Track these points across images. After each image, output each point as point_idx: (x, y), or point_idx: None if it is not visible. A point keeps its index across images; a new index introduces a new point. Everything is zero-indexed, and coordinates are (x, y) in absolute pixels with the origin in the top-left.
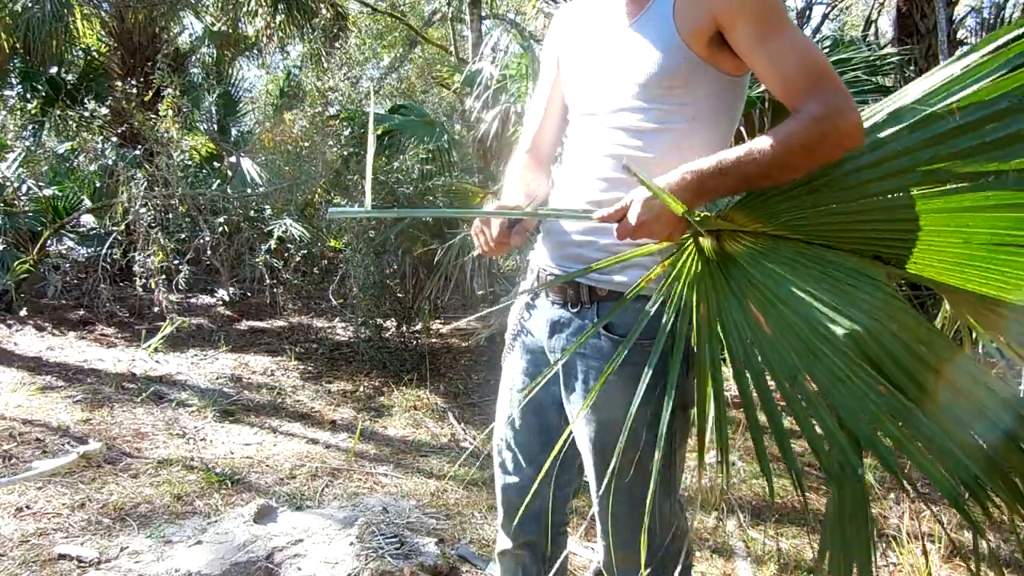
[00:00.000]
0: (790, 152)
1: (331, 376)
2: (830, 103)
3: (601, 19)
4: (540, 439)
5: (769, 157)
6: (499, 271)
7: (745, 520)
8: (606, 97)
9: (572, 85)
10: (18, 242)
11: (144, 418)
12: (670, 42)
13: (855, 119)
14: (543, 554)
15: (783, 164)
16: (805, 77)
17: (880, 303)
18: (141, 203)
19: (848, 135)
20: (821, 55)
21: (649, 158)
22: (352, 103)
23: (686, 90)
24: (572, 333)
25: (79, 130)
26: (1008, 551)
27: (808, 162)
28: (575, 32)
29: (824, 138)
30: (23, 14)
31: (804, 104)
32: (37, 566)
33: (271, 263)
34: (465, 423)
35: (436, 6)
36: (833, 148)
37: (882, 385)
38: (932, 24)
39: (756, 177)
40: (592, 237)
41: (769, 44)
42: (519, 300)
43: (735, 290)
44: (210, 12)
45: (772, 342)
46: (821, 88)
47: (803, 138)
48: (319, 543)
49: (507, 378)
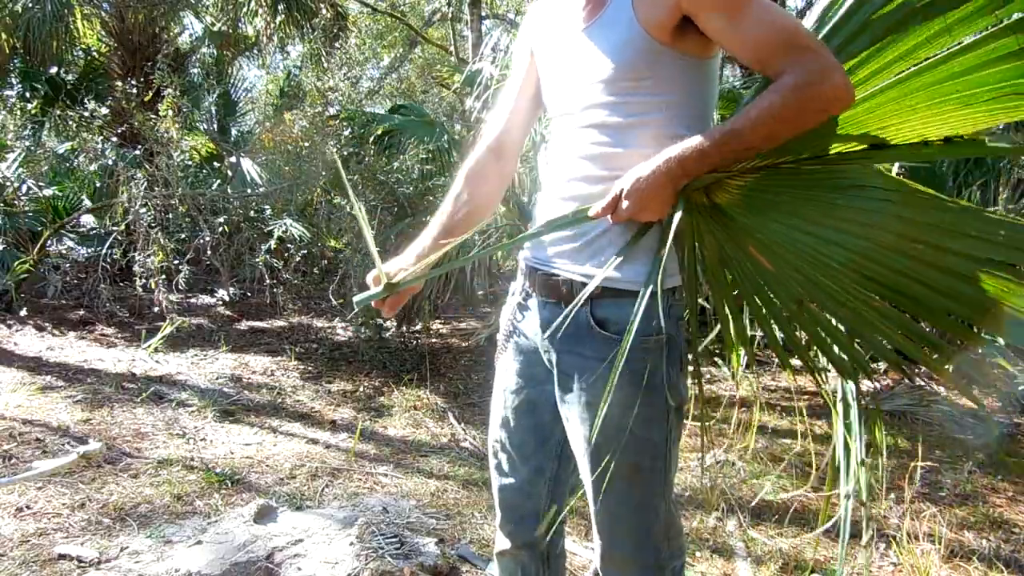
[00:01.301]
0: (771, 125)
1: (331, 376)
2: (807, 69)
3: (566, 16)
4: (534, 438)
5: (750, 131)
6: (499, 271)
7: (745, 520)
8: (577, 96)
9: (546, 85)
10: (18, 242)
11: (144, 418)
12: (632, 33)
13: (837, 80)
14: (542, 554)
15: (767, 136)
16: (778, 49)
17: (873, 213)
18: (141, 203)
19: (833, 99)
20: (793, 22)
21: (627, 152)
22: (352, 103)
23: (655, 81)
24: (564, 332)
25: (79, 130)
26: (1008, 551)
27: (793, 130)
28: (546, 28)
29: (803, 106)
30: (23, 14)
31: (784, 71)
32: (37, 566)
33: (271, 263)
34: (465, 423)
35: (436, 6)
36: (816, 113)
37: (877, 301)
38: None
39: (740, 151)
40: (579, 231)
41: (738, 23)
42: (510, 300)
43: (734, 238)
44: (210, 12)
45: (776, 277)
46: (794, 57)
47: (782, 109)
48: (319, 543)
49: (501, 379)
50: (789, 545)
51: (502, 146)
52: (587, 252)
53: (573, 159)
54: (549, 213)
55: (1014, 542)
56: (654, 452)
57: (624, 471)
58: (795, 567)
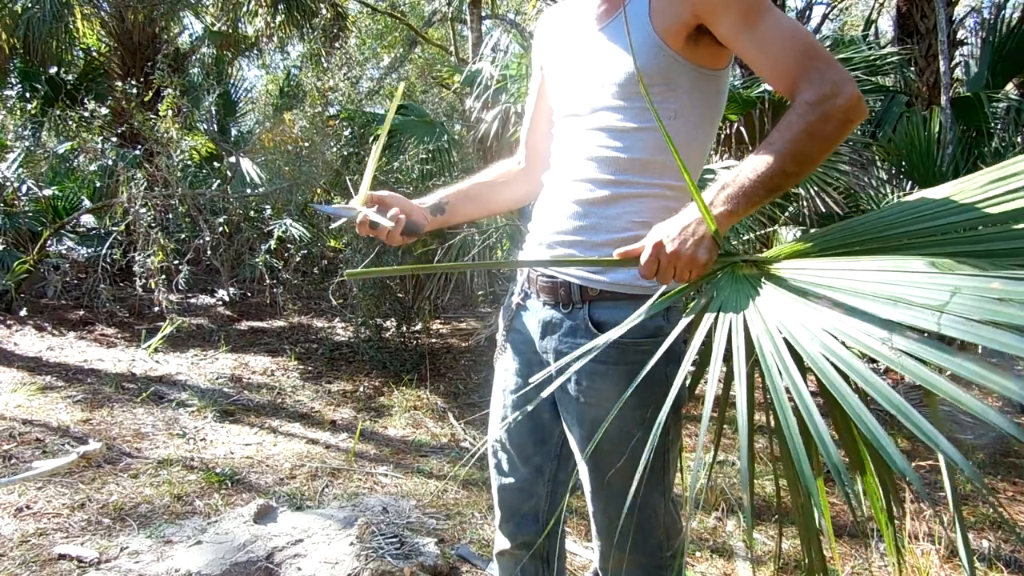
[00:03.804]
0: (798, 143)
1: (331, 376)
2: (824, 82)
3: (579, 22)
4: (534, 439)
5: (779, 155)
6: (499, 271)
7: (745, 520)
8: (586, 98)
9: (555, 88)
10: (18, 242)
11: (144, 418)
12: (647, 40)
13: (851, 91)
14: (542, 554)
15: (796, 156)
16: (794, 60)
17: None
18: (141, 203)
19: (850, 109)
20: (807, 35)
21: (632, 159)
22: (352, 103)
23: (666, 88)
24: (564, 334)
25: (79, 130)
26: (1008, 551)
27: (820, 147)
28: (556, 37)
29: (826, 119)
30: (23, 14)
31: (797, 88)
32: (37, 566)
33: (271, 263)
34: (465, 423)
35: (436, 6)
36: (839, 126)
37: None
38: (932, 24)
39: (777, 177)
40: (585, 236)
41: (754, 32)
42: (509, 301)
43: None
44: (210, 12)
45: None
46: (811, 68)
47: (805, 125)
48: (319, 543)
49: (500, 380)
50: (789, 545)
51: (531, 159)
52: (584, 255)
53: (579, 161)
54: (550, 212)
55: (1014, 542)
56: (652, 452)
57: (623, 473)
58: (795, 567)
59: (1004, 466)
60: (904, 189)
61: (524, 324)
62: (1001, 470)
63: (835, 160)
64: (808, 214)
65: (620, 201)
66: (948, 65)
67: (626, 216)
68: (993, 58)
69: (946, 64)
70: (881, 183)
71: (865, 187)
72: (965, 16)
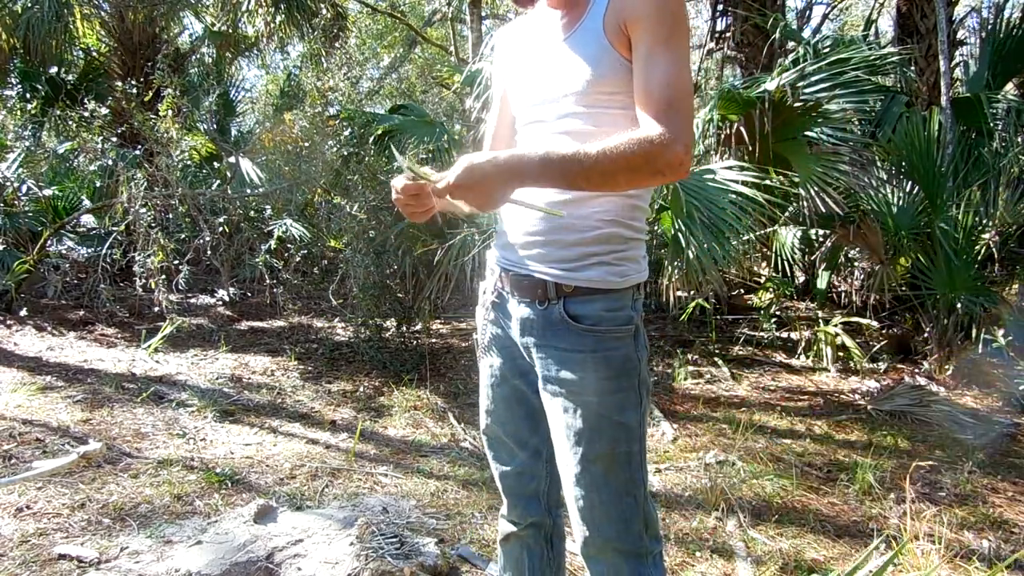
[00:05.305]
0: (613, 163)
1: (331, 376)
2: (670, 131)
3: (540, 35)
4: (528, 424)
5: (593, 161)
6: None
7: (745, 520)
8: (551, 105)
9: (518, 98)
10: (18, 242)
11: (144, 418)
12: (602, 50)
13: (682, 152)
14: (546, 535)
15: (604, 172)
16: (665, 100)
17: None
18: (141, 203)
19: (671, 165)
20: (688, 89)
21: None
22: (352, 103)
23: (627, 95)
24: (542, 328)
25: (79, 130)
26: (1008, 551)
27: (627, 177)
28: (519, 49)
29: (648, 160)
30: (23, 14)
31: (649, 121)
32: (37, 566)
33: (271, 263)
34: (465, 423)
35: (436, 6)
36: (654, 173)
37: None
38: (932, 24)
39: (576, 177)
40: (557, 236)
41: (651, 56)
42: (483, 299)
43: None
44: (210, 12)
45: None
46: (672, 115)
47: (629, 154)
48: (319, 543)
49: (485, 376)
50: (789, 545)
51: None
52: (557, 254)
53: None
54: (521, 214)
55: (1014, 542)
56: (629, 436)
57: (604, 458)
58: (795, 567)
59: (1004, 466)
60: (904, 189)
61: (502, 321)
62: (1001, 470)
63: (835, 160)
64: (808, 214)
65: (589, 201)
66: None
67: (595, 215)
68: (993, 58)
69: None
70: (881, 183)
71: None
72: (965, 16)
